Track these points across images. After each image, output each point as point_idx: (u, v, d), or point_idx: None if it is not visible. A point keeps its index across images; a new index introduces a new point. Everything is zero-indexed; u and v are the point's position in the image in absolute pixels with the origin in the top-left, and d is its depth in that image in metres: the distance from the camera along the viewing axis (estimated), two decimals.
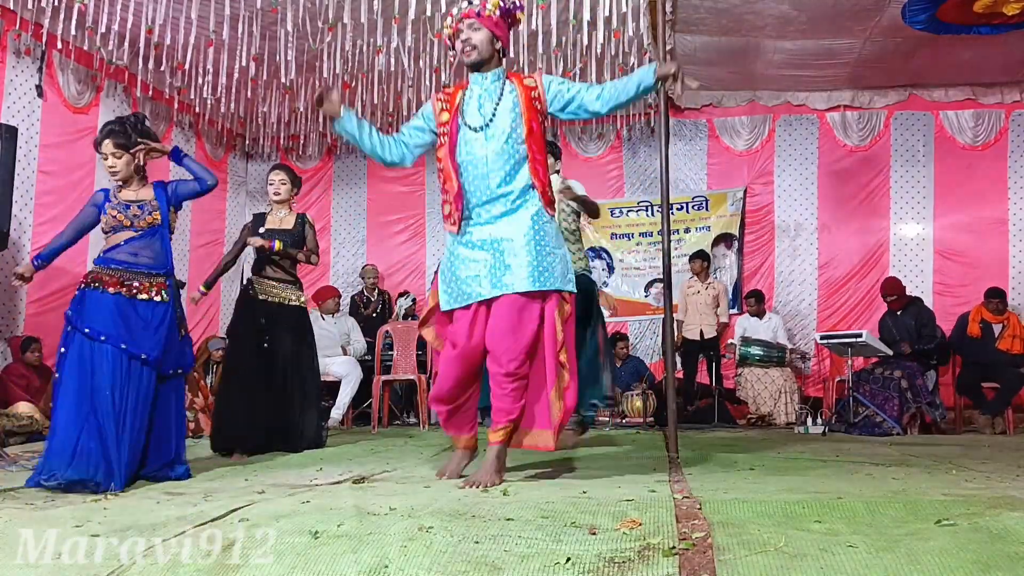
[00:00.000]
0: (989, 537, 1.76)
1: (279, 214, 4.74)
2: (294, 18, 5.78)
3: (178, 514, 2.23)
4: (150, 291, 3.27)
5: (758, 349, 7.24)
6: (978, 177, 7.74)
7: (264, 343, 4.52)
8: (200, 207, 8.16)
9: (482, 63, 3.03)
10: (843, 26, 6.43)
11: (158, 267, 3.32)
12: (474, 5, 3.01)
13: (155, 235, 3.33)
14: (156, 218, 3.33)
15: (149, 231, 3.32)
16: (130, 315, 3.20)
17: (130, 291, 3.22)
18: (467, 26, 3.00)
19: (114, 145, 3.34)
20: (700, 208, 8.27)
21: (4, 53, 5.91)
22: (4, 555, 1.86)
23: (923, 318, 6.60)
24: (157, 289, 3.29)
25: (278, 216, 4.73)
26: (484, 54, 3.01)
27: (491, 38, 3.01)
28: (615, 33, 5.91)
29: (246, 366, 4.51)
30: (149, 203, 3.35)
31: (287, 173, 4.80)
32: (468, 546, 1.78)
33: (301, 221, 4.75)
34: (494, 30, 3.01)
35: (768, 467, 3.50)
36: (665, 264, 3.95)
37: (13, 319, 6.02)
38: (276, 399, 4.51)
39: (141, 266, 3.28)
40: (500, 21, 3.03)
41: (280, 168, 4.84)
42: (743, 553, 1.68)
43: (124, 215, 3.30)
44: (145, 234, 3.32)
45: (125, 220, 3.30)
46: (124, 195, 3.37)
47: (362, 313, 7.88)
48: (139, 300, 3.24)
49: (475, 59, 3.01)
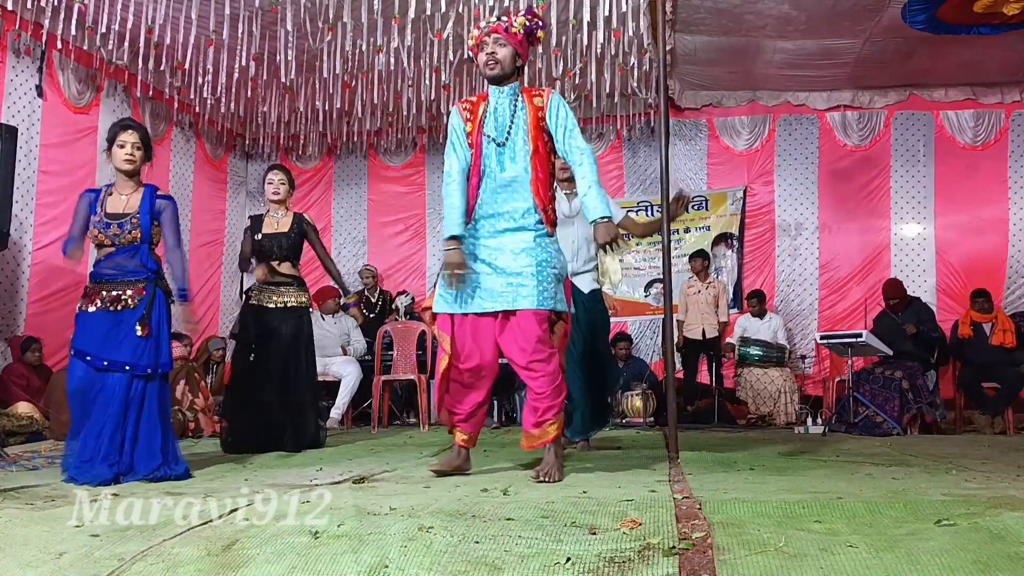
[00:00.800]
0: (989, 537, 1.76)
1: (276, 215, 4.76)
2: (294, 18, 5.78)
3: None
4: (133, 299, 3.34)
5: (757, 349, 7.24)
6: (978, 177, 7.74)
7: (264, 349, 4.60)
8: (200, 207, 8.18)
9: (503, 78, 3.10)
10: (843, 26, 6.43)
11: (139, 273, 3.37)
12: (502, 21, 3.08)
13: (136, 250, 3.38)
14: (136, 236, 3.37)
15: (129, 247, 3.38)
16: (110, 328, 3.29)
17: (115, 303, 3.32)
18: (493, 40, 3.08)
19: (139, 137, 3.43)
20: (700, 208, 8.26)
21: (4, 53, 5.91)
22: (4, 555, 1.86)
23: (923, 315, 6.61)
24: (134, 294, 3.34)
25: (275, 218, 4.76)
26: (507, 70, 3.09)
27: (514, 55, 3.10)
28: (615, 33, 5.91)
29: (249, 371, 4.61)
30: (131, 220, 3.37)
31: (285, 173, 4.84)
32: (468, 546, 1.78)
33: (299, 222, 4.78)
34: (518, 48, 3.10)
35: (768, 467, 3.50)
36: (665, 264, 3.95)
37: (13, 319, 6.02)
38: (277, 401, 4.58)
39: (123, 276, 3.36)
40: (524, 40, 3.11)
41: (279, 168, 4.87)
42: (743, 553, 1.68)
43: (105, 235, 3.36)
44: (125, 249, 3.38)
45: (106, 240, 3.37)
46: (112, 204, 3.41)
47: (362, 312, 7.88)
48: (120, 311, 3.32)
49: (497, 74, 3.09)
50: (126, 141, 3.39)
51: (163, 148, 7.61)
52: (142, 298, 3.34)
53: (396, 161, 9.00)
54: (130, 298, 3.33)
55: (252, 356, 4.62)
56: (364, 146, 8.90)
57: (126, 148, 3.39)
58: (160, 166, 7.60)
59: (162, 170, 7.62)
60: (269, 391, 4.58)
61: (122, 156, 3.39)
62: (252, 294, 4.74)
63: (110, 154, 3.44)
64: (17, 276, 6.04)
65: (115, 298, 3.32)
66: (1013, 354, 6.45)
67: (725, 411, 6.81)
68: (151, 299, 3.36)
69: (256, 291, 4.71)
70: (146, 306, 3.34)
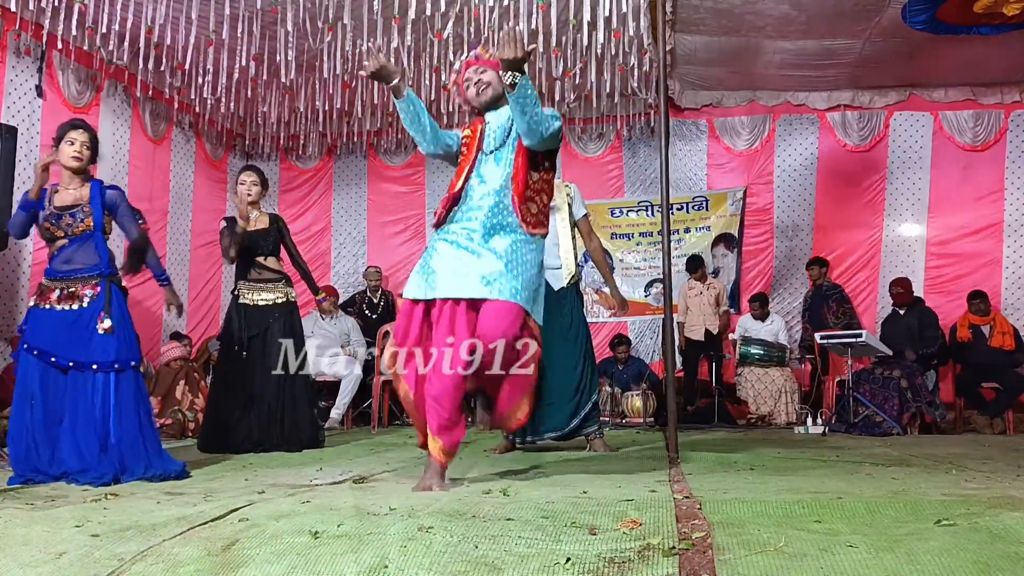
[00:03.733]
0: (989, 537, 1.76)
1: (251, 215, 4.81)
2: (294, 18, 5.77)
3: (178, 514, 2.23)
4: (84, 297, 3.36)
5: (758, 348, 7.24)
6: (977, 178, 7.74)
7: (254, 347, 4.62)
8: (200, 207, 8.17)
9: (499, 98, 3.11)
10: (843, 26, 6.43)
11: (92, 270, 3.40)
12: (470, 56, 3.16)
13: (89, 239, 3.42)
14: (89, 224, 3.41)
15: (82, 236, 3.42)
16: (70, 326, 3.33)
17: (71, 300, 3.35)
18: (473, 71, 3.13)
19: (88, 138, 3.49)
20: (700, 208, 8.26)
21: (4, 53, 5.90)
22: (4, 555, 1.86)
23: (926, 320, 6.61)
24: (89, 291, 3.37)
25: (251, 217, 4.80)
26: (499, 89, 3.09)
27: (499, 76, 3.06)
28: (615, 33, 5.91)
29: (234, 371, 4.64)
30: (83, 208, 3.42)
31: (258, 174, 4.91)
32: (468, 546, 1.78)
33: (275, 221, 4.87)
34: (498, 69, 3.07)
35: (768, 467, 3.50)
36: (665, 264, 3.96)
37: (13, 319, 6.02)
38: (266, 401, 4.60)
39: (76, 272, 3.39)
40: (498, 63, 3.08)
41: (251, 169, 4.96)
42: (743, 553, 1.68)
43: (56, 226, 3.41)
44: (78, 239, 3.42)
45: (58, 231, 3.42)
46: (60, 199, 3.46)
47: (364, 313, 7.89)
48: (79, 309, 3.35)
49: (491, 95, 3.11)
50: (75, 139, 3.46)
51: (163, 148, 7.61)
52: (98, 295, 3.37)
53: (396, 161, 8.99)
54: (86, 296, 3.37)
55: (243, 353, 4.65)
56: (364, 146, 8.90)
57: (75, 145, 3.45)
58: (160, 166, 7.60)
59: (162, 170, 7.62)
60: (261, 390, 4.60)
61: (70, 152, 3.45)
62: (240, 292, 4.78)
63: (57, 151, 3.48)
64: (17, 276, 6.04)
65: (71, 295, 3.37)
66: (1013, 356, 6.46)
67: (725, 411, 6.80)
68: (108, 294, 3.38)
69: (244, 289, 4.75)
70: (104, 301, 3.37)
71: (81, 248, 3.41)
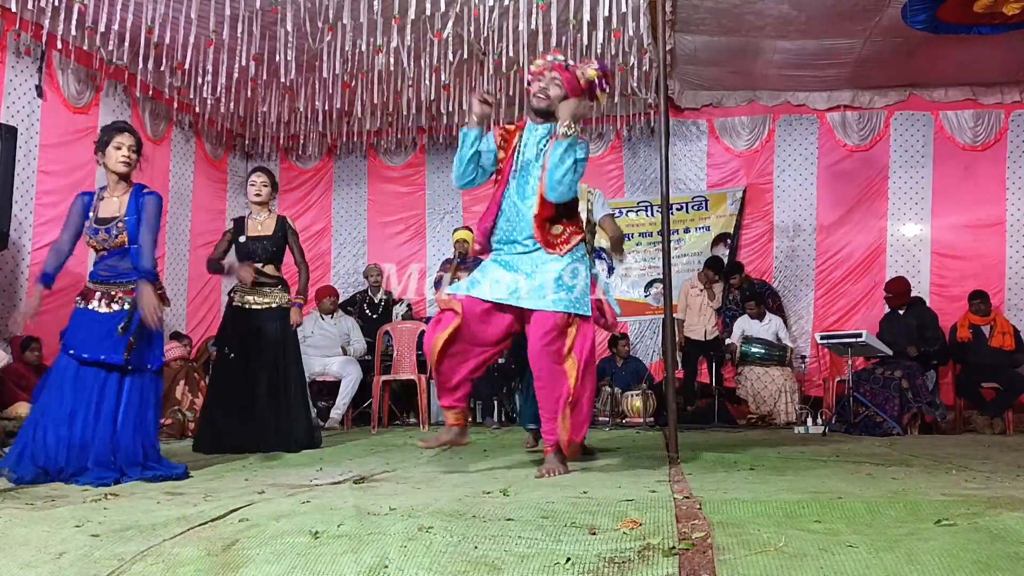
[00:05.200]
0: (989, 537, 1.76)
1: (258, 217, 4.83)
2: (294, 18, 5.77)
3: (178, 514, 2.23)
4: (124, 301, 3.40)
5: (759, 348, 7.23)
6: (978, 177, 7.73)
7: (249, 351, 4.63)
8: (200, 207, 8.18)
9: (547, 115, 3.12)
10: (843, 26, 6.43)
11: (132, 275, 3.42)
12: (570, 67, 3.11)
13: (125, 253, 3.44)
14: (123, 240, 3.43)
15: (119, 250, 3.44)
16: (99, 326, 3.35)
17: (109, 303, 3.39)
18: (551, 78, 3.10)
19: (135, 141, 3.47)
20: (700, 208, 8.26)
21: (4, 53, 5.90)
22: (4, 555, 1.86)
23: (925, 319, 6.61)
24: (125, 295, 3.40)
25: (258, 220, 4.83)
26: (553, 108, 3.10)
27: (564, 98, 3.09)
28: (615, 33, 5.91)
29: (229, 373, 4.65)
30: (116, 224, 3.42)
31: (268, 176, 4.92)
32: (468, 546, 1.78)
33: (282, 225, 4.85)
34: (571, 94, 3.09)
35: (768, 467, 3.50)
36: (665, 264, 3.96)
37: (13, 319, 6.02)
38: (259, 403, 4.60)
39: (118, 278, 3.43)
40: (582, 92, 3.11)
41: (261, 170, 4.95)
42: (743, 553, 1.68)
43: (94, 239, 3.45)
44: (115, 252, 3.44)
45: (96, 245, 3.46)
46: (103, 208, 3.46)
47: (364, 312, 7.88)
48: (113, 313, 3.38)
49: (543, 107, 3.12)
50: (123, 143, 3.42)
51: (163, 148, 7.61)
52: (131, 300, 3.39)
53: (396, 161, 8.99)
54: (121, 300, 3.40)
55: (231, 356, 4.67)
56: (364, 146, 8.90)
57: (123, 150, 3.41)
58: (160, 166, 7.59)
59: (162, 170, 7.62)
60: (255, 392, 4.61)
61: (118, 157, 3.41)
62: (236, 296, 4.79)
63: (104, 155, 3.45)
64: (16, 276, 6.04)
65: (110, 298, 3.40)
66: (1013, 356, 6.45)
67: (725, 411, 6.81)
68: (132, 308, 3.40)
69: (240, 292, 4.76)
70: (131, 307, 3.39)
71: (119, 259, 3.44)
